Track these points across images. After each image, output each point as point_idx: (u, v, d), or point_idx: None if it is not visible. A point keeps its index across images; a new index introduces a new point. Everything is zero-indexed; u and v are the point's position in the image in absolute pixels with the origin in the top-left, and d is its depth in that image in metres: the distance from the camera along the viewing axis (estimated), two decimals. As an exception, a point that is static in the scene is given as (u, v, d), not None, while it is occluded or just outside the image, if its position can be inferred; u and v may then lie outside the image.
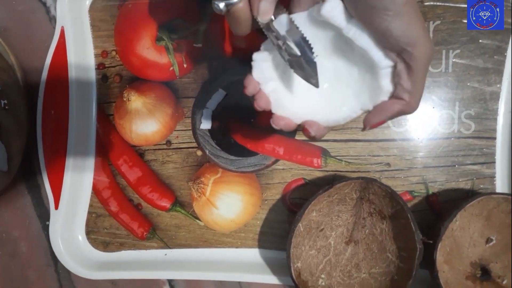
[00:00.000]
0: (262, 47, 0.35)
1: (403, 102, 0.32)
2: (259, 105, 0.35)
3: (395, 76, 0.31)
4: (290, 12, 0.34)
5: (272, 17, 0.33)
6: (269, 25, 0.33)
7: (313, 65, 0.32)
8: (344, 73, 0.35)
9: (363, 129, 0.34)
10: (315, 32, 0.33)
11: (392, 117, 0.33)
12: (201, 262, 0.53)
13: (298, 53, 0.32)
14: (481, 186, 0.50)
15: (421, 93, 0.32)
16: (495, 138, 0.50)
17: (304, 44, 0.32)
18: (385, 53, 0.31)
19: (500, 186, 0.50)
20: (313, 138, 0.35)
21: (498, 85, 0.49)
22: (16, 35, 0.54)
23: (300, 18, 0.33)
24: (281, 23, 0.33)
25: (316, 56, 0.32)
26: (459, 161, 0.50)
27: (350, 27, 0.32)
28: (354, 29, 0.31)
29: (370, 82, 0.33)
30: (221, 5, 0.32)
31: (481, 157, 0.50)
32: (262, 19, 0.32)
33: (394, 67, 0.32)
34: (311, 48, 0.32)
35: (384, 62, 0.31)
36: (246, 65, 0.50)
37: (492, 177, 0.50)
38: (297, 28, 0.32)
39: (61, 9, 0.51)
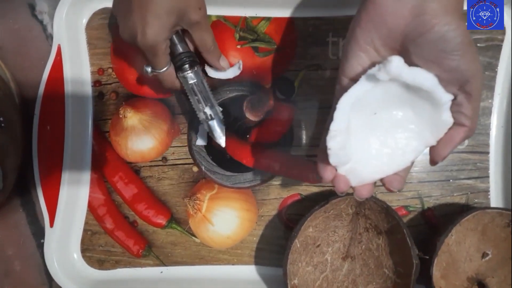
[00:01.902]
0: (332, 129, 0.33)
1: (465, 129, 0.33)
2: (341, 189, 0.36)
3: (455, 106, 0.33)
4: (343, 73, 0.35)
5: (194, 81, 0.45)
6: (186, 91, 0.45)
7: (222, 127, 0.46)
8: (401, 118, 0.35)
9: (433, 164, 0.35)
10: (372, 93, 0.34)
11: (457, 145, 0.34)
12: (197, 279, 0.52)
13: (210, 112, 0.46)
14: (476, 200, 0.50)
15: (478, 117, 0.34)
16: (488, 153, 0.50)
17: (217, 107, 0.46)
18: (446, 88, 0.33)
19: (494, 200, 0.50)
20: (396, 190, 0.36)
21: (490, 100, 0.50)
22: (13, 52, 0.55)
23: (357, 87, 0.33)
24: (199, 86, 0.45)
25: (375, 113, 0.35)
26: (453, 176, 0.50)
27: (414, 76, 0.32)
28: (418, 77, 0.32)
29: (429, 119, 0.34)
30: (148, 70, 0.43)
31: (475, 171, 0.50)
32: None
33: (454, 99, 0.33)
34: (221, 111, 0.46)
35: (446, 97, 0.33)
36: (241, 82, 0.51)
37: (486, 191, 0.50)
38: (210, 91, 0.45)
39: (58, 27, 0.51)
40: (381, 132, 0.36)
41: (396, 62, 0.32)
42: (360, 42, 0.33)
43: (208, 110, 0.46)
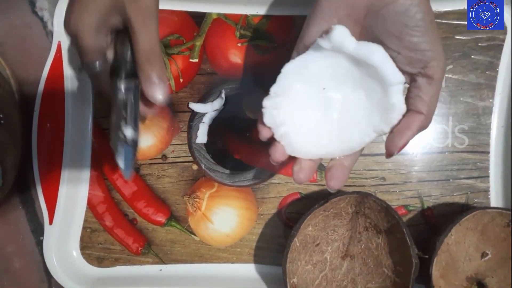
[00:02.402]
0: (271, 92, 0.35)
1: (422, 117, 0.32)
2: (277, 159, 0.36)
3: (414, 89, 0.32)
4: (298, 45, 0.35)
5: (127, 93, 0.37)
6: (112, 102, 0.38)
7: (134, 158, 0.38)
8: (352, 98, 0.34)
9: (389, 155, 0.34)
10: (320, 65, 0.34)
11: (414, 134, 0.33)
12: (197, 277, 0.52)
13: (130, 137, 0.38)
14: (476, 200, 0.50)
15: (435, 107, 0.33)
16: (488, 153, 0.50)
17: (138, 134, 0.38)
18: (406, 67, 0.32)
19: (494, 200, 0.50)
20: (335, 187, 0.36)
21: (490, 100, 0.50)
22: (13, 49, 0.54)
23: (305, 57, 0.34)
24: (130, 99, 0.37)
25: (324, 88, 0.34)
26: (453, 175, 0.50)
27: (359, 48, 0.32)
28: (364, 48, 0.32)
29: (380, 102, 0.33)
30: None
31: (475, 171, 0.50)
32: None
33: (411, 82, 0.33)
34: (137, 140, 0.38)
35: (396, 77, 0.32)
36: (241, 80, 0.51)
37: (486, 191, 0.50)
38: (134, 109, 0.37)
39: (58, 24, 0.51)
40: (328, 108, 0.35)
41: (340, 31, 0.32)
42: (325, 10, 0.33)
43: (129, 133, 0.38)
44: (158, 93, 0.36)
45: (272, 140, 0.37)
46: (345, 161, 0.35)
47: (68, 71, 0.52)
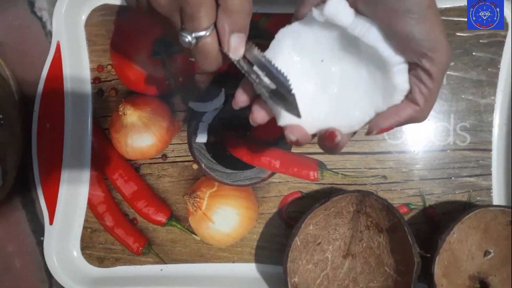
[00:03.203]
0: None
1: (416, 108, 0.30)
2: (256, 118, 0.33)
3: (413, 78, 0.30)
4: (296, 14, 0.33)
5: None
6: (240, 61, 0.31)
7: (292, 96, 0.30)
8: (353, 75, 0.32)
9: (368, 133, 0.31)
10: (317, 36, 0.32)
11: (402, 123, 0.31)
12: (197, 277, 0.52)
13: (273, 86, 0.30)
14: (478, 198, 0.50)
15: (434, 102, 0.31)
16: (490, 150, 0.50)
17: (279, 76, 0.30)
18: (404, 54, 0.30)
19: (497, 198, 0.50)
20: (334, 149, 0.32)
21: (492, 97, 0.50)
22: (12, 49, 0.54)
23: (301, 25, 0.32)
24: (252, 57, 0.31)
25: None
26: (455, 173, 0.50)
27: (355, 24, 0.30)
28: (360, 26, 0.30)
29: (382, 82, 0.31)
30: (189, 37, 0.29)
31: (477, 169, 0.50)
32: (234, 55, 0.30)
33: (410, 69, 0.30)
34: (288, 80, 0.30)
35: (395, 59, 0.30)
36: (241, 79, 0.51)
37: (488, 189, 0.50)
38: (270, 61, 0.31)
39: (57, 24, 0.51)
40: (327, 82, 0.33)
41: (334, 3, 0.30)
42: None
43: (268, 82, 0.31)
44: (237, 43, 0.31)
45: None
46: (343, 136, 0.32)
47: (67, 71, 0.52)
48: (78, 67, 0.53)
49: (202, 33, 0.29)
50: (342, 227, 0.50)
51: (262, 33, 0.51)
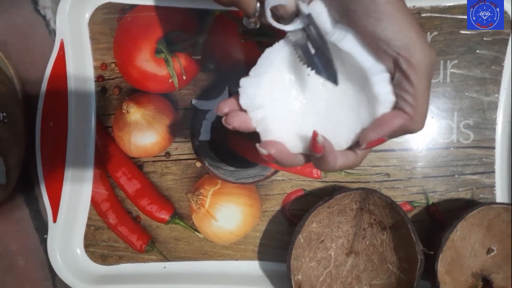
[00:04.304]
0: (251, 73, 0.32)
1: (405, 116, 0.28)
2: (231, 122, 0.31)
3: (396, 86, 0.28)
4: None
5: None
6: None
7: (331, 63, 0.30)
8: (339, 90, 0.31)
9: (359, 147, 0.29)
10: (306, 48, 0.31)
11: (393, 134, 0.28)
12: (201, 275, 0.52)
13: (325, 43, 0.29)
14: (481, 195, 0.50)
15: (425, 107, 0.28)
16: (494, 148, 0.50)
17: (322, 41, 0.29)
18: (378, 59, 0.28)
19: (500, 195, 0.50)
20: (323, 159, 0.29)
21: (496, 95, 0.50)
22: (16, 48, 0.54)
23: (286, 42, 0.32)
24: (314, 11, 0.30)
25: (308, 75, 0.31)
26: (458, 171, 0.50)
27: (333, 31, 0.29)
28: (338, 32, 0.29)
29: (366, 95, 0.30)
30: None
31: (481, 166, 0.50)
32: None
33: (391, 74, 0.28)
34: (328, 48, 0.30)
35: (374, 67, 0.28)
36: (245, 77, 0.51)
37: (492, 186, 0.50)
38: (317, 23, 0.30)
39: (61, 22, 0.51)
40: (313, 97, 0.32)
41: (318, 3, 0.29)
42: None
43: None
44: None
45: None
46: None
47: (71, 69, 0.52)
48: (81, 65, 0.53)
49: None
50: (345, 224, 0.50)
51: (265, 31, 0.51)
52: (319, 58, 0.29)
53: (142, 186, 0.53)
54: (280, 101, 0.32)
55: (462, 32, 0.49)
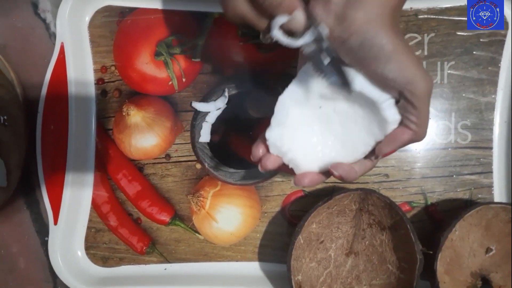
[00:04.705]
0: (272, 123, 0.36)
1: (411, 133, 0.33)
2: (266, 167, 0.36)
3: (400, 109, 0.33)
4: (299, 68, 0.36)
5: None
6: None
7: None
8: (350, 113, 0.36)
9: (375, 158, 0.35)
10: (312, 88, 0.35)
11: (402, 145, 0.34)
12: (201, 276, 0.52)
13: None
14: (479, 195, 0.50)
15: (427, 121, 0.33)
16: (491, 148, 0.50)
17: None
18: (385, 91, 0.33)
19: (498, 195, 0.50)
20: (344, 180, 0.36)
21: (493, 96, 0.50)
22: (16, 51, 0.55)
23: (296, 83, 0.36)
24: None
25: (320, 107, 0.36)
26: (456, 171, 0.50)
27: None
28: (347, 75, 0.33)
29: (375, 115, 0.34)
30: (278, 22, 0.32)
31: (479, 167, 0.50)
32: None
33: (396, 102, 0.33)
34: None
35: (381, 97, 0.33)
36: (244, 79, 0.51)
37: (490, 186, 0.50)
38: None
39: (61, 25, 0.51)
40: (328, 123, 0.36)
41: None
42: None
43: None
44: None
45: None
46: (354, 166, 0.36)
47: (71, 73, 0.52)
48: (82, 68, 0.53)
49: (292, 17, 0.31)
50: (345, 225, 0.50)
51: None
52: (332, 68, 0.32)
53: (142, 188, 0.53)
54: (303, 139, 0.37)
55: (459, 33, 0.50)
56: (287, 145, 0.36)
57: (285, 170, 0.37)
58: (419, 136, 0.33)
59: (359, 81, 0.33)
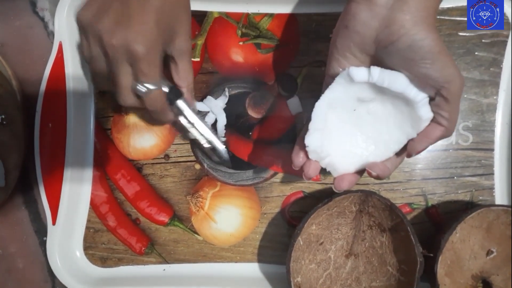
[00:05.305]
0: (310, 127, 0.36)
1: (443, 129, 0.35)
2: (309, 175, 0.38)
3: (433, 106, 0.35)
4: (327, 71, 0.38)
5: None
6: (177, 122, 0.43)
7: (222, 151, 0.47)
8: (382, 113, 0.37)
9: (408, 156, 0.37)
10: (347, 93, 0.37)
11: (434, 142, 0.36)
12: (200, 277, 0.52)
13: (207, 144, 0.46)
14: (480, 197, 0.50)
15: (456, 119, 0.35)
16: (493, 150, 0.50)
17: (213, 132, 0.46)
18: (423, 88, 0.34)
19: (499, 197, 0.50)
20: (379, 178, 0.37)
21: (494, 97, 0.50)
22: (14, 50, 0.54)
23: (330, 91, 0.37)
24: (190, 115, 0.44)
25: (354, 110, 0.38)
26: (457, 173, 0.50)
27: (382, 78, 0.35)
28: (387, 78, 0.35)
29: (409, 113, 0.35)
30: (142, 89, 0.38)
31: (480, 168, 0.50)
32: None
33: (431, 99, 0.35)
34: (219, 136, 0.46)
35: (418, 97, 0.34)
36: (244, 79, 0.51)
37: (491, 188, 0.50)
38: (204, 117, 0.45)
39: (59, 24, 0.51)
40: (362, 125, 0.38)
41: (357, 71, 0.35)
42: (338, 47, 0.36)
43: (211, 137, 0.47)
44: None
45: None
46: (386, 162, 0.38)
47: (69, 71, 0.52)
48: (80, 67, 0.53)
49: (152, 87, 0.39)
50: (345, 226, 0.50)
51: (264, 33, 0.51)
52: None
53: (141, 189, 0.53)
54: (339, 142, 0.38)
55: (460, 34, 0.49)
56: (326, 149, 0.37)
57: (293, 172, 0.39)
58: (449, 132, 0.35)
59: (399, 83, 0.34)
